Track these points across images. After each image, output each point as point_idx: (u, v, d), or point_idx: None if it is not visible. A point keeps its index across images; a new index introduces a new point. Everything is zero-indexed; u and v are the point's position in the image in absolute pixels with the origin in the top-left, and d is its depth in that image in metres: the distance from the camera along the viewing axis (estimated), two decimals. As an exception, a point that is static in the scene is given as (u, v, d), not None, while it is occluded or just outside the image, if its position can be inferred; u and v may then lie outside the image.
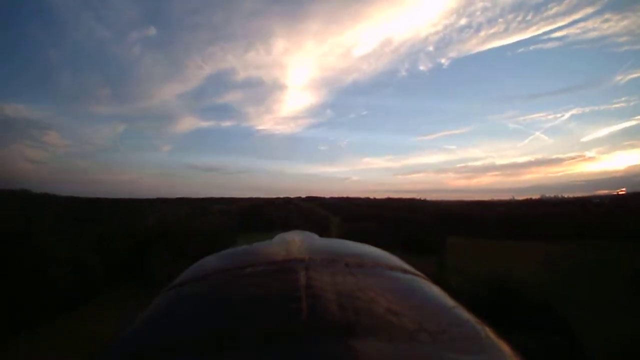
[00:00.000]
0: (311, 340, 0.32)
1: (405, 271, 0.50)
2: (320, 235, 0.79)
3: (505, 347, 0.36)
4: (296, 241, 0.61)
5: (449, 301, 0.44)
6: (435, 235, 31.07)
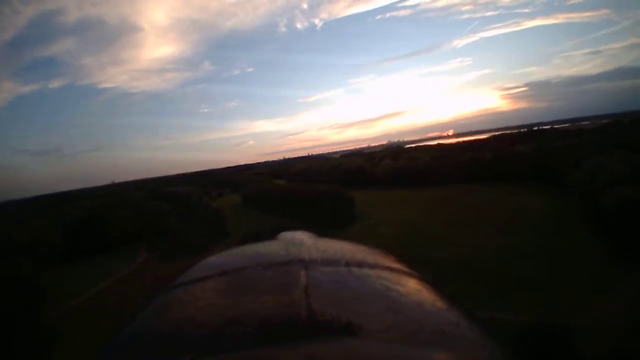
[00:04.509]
0: (311, 341, 0.32)
1: (404, 272, 0.52)
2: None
3: (501, 347, 0.38)
4: (296, 241, 0.62)
5: (447, 301, 0.45)
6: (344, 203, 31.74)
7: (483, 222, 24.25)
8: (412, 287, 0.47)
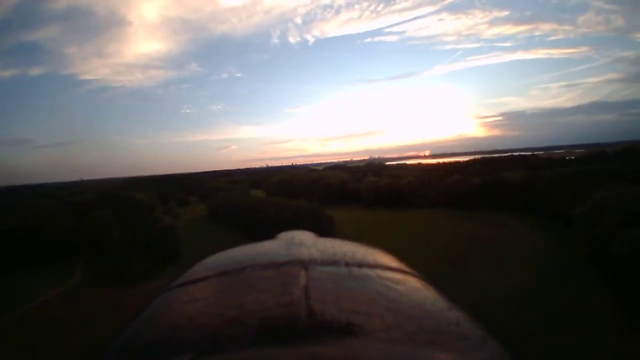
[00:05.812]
0: (311, 341, 0.32)
1: (404, 272, 0.52)
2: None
3: (500, 347, 0.37)
4: (296, 241, 0.62)
5: (447, 301, 0.45)
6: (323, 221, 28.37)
7: (477, 258, 21.17)
8: (412, 287, 0.47)
